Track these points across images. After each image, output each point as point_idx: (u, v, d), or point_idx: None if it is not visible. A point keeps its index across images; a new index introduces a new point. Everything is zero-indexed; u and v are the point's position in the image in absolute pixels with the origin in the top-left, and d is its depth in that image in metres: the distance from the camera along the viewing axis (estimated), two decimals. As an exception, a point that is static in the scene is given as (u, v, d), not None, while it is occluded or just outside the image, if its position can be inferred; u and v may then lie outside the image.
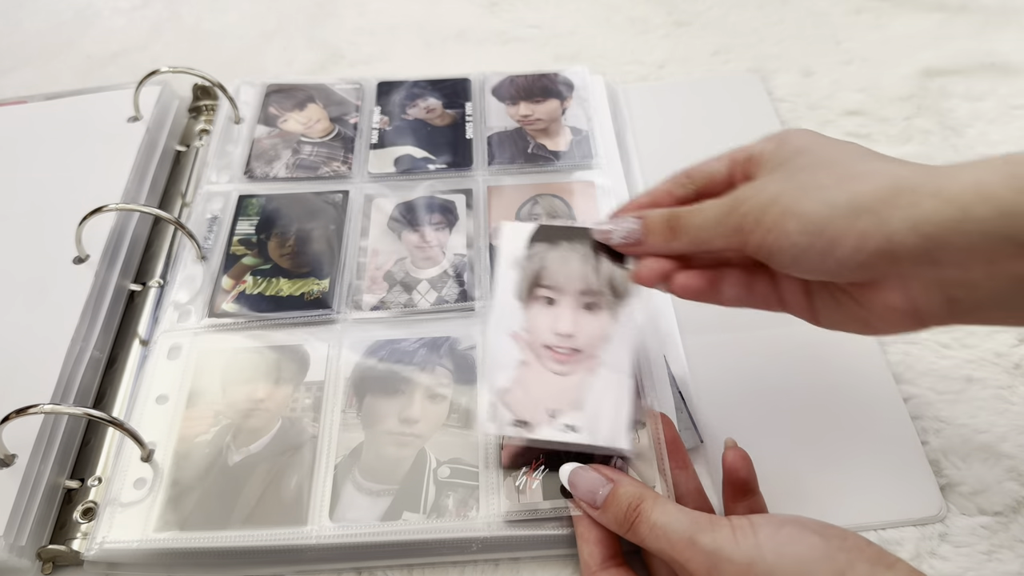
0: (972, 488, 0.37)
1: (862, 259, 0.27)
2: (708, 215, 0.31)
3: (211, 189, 0.49)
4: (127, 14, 0.67)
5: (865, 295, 0.29)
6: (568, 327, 0.35)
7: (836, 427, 0.40)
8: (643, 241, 0.34)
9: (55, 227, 0.45)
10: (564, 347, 0.35)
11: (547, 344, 0.35)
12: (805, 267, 0.29)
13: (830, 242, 0.27)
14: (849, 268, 0.28)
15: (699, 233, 0.32)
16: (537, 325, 0.36)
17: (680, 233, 0.32)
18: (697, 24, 0.63)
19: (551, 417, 0.34)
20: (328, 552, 0.35)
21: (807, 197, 0.28)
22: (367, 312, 0.43)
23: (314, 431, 0.38)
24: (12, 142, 0.52)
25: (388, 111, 0.54)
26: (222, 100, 0.53)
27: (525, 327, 0.36)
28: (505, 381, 0.35)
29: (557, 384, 0.35)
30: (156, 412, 0.39)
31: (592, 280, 0.36)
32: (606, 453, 0.34)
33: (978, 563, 0.35)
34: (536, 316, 0.36)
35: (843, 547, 0.28)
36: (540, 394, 0.35)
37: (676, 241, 0.33)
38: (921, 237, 0.26)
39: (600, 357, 0.35)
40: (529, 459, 0.36)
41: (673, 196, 0.34)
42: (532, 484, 0.35)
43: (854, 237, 0.27)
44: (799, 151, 0.30)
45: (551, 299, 0.36)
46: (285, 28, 0.65)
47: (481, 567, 0.36)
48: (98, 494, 0.37)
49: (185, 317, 0.43)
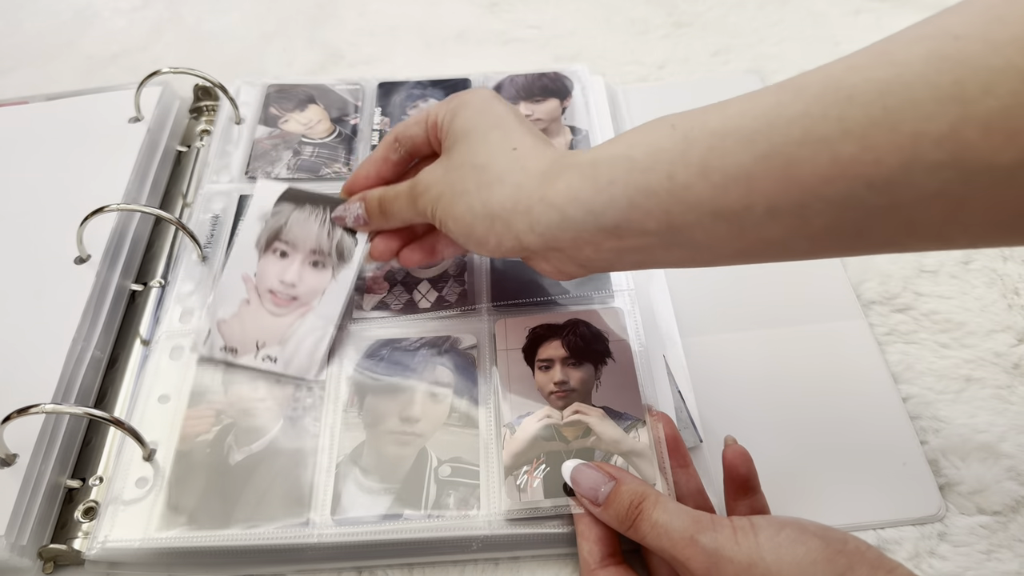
0: (971, 488, 0.37)
1: (504, 252, 0.34)
2: (402, 203, 0.38)
3: (212, 189, 0.49)
4: (128, 15, 0.67)
5: (530, 263, 0.36)
6: (293, 278, 0.41)
7: (835, 427, 0.40)
8: (369, 221, 0.40)
9: (56, 227, 0.45)
10: (285, 294, 0.41)
11: (271, 289, 0.41)
12: (473, 249, 0.36)
13: (478, 240, 0.34)
14: (501, 253, 0.35)
15: (401, 215, 0.39)
16: (267, 272, 0.42)
17: (389, 216, 0.39)
18: (697, 25, 0.64)
19: (257, 349, 0.40)
20: (329, 551, 0.35)
21: (458, 203, 0.35)
22: (368, 312, 0.43)
23: (315, 430, 0.38)
24: (13, 143, 0.52)
25: (389, 112, 0.54)
26: (223, 101, 0.53)
27: (256, 272, 0.42)
28: (226, 314, 0.41)
29: (270, 323, 0.41)
30: (157, 411, 0.39)
31: (324, 243, 0.42)
32: (296, 381, 0.40)
33: (977, 562, 0.35)
34: (268, 265, 0.42)
35: (843, 550, 0.28)
36: (253, 330, 0.41)
37: (389, 221, 0.40)
38: (538, 236, 0.33)
39: (312, 306, 0.41)
40: (530, 457, 0.36)
41: (389, 161, 0.40)
42: (533, 482, 0.35)
43: (494, 237, 0.34)
44: (463, 135, 0.36)
45: (284, 252, 0.42)
46: (285, 29, 0.65)
47: (481, 566, 0.36)
48: (99, 494, 0.38)
49: (187, 317, 0.43)
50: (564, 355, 0.40)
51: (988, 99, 0.22)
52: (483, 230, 0.34)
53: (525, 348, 0.40)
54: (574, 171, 0.32)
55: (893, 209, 0.25)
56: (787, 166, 0.26)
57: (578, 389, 0.38)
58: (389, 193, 0.39)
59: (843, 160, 0.25)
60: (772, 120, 0.27)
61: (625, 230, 0.31)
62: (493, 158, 0.34)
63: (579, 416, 0.37)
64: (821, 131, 0.25)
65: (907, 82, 0.24)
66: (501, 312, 0.42)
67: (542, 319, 0.41)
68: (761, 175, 0.27)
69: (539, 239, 0.33)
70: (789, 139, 0.26)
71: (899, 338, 0.43)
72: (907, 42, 0.25)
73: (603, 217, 0.31)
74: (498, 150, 0.35)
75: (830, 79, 0.26)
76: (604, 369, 0.39)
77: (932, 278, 0.46)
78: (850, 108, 0.25)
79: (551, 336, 0.40)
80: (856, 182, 0.25)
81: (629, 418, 0.37)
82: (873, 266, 0.46)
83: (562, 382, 0.39)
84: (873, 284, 0.46)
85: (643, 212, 0.30)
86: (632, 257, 0.32)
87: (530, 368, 0.39)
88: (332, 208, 0.42)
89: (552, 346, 0.40)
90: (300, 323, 0.40)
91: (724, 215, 0.28)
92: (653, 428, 0.37)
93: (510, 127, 0.35)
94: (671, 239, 0.30)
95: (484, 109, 0.36)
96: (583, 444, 0.36)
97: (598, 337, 0.40)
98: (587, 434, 0.37)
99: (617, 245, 0.31)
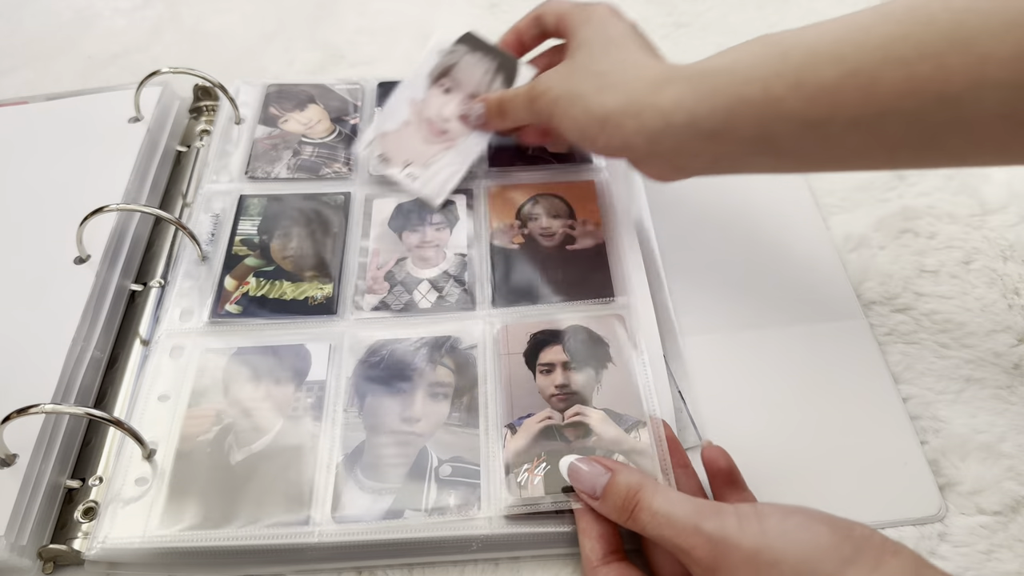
0: (971, 488, 0.37)
1: (610, 152, 0.39)
2: (519, 103, 0.43)
3: (212, 189, 0.49)
4: (128, 15, 0.67)
5: (631, 164, 0.40)
6: (450, 114, 0.47)
7: (835, 427, 0.40)
8: (488, 122, 0.46)
9: (56, 227, 0.45)
10: (439, 127, 0.47)
11: (429, 118, 0.47)
12: (583, 147, 0.44)
13: (590, 139, 0.39)
14: (607, 153, 0.40)
15: (517, 115, 0.44)
16: (431, 102, 0.47)
17: (506, 116, 0.45)
18: (697, 25, 0.63)
19: (404, 165, 0.47)
20: (329, 551, 0.35)
21: (575, 104, 0.39)
22: (368, 312, 0.43)
23: (315, 430, 0.38)
24: (13, 143, 0.52)
25: (388, 111, 0.54)
26: (223, 101, 0.53)
27: (422, 99, 0.47)
28: (390, 127, 0.47)
29: (420, 148, 0.47)
30: (157, 411, 0.39)
31: (483, 91, 0.47)
32: (423, 200, 0.47)
33: (977, 563, 0.35)
34: (433, 96, 0.48)
35: (850, 536, 0.28)
36: (406, 147, 0.47)
37: (505, 121, 0.46)
38: (644, 139, 0.37)
39: (457, 144, 0.47)
40: (531, 456, 0.36)
41: (526, 35, 0.47)
42: (534, 480, 0.35)
43: (603, 138, 0.38)
44: (586, 44, 0.40)
45: (449, 89, 0.47)
46: (286, 29, 0.65)
47: (481, 567, 0.36)
48: (99, 494, 0.38)
49: (187, 317, 0.43)
50: (565, 359, 0.40)
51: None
52: (595, 130, 0.38)
53: (527, 353, 0.40)
54: (682, 82, 0.36)
55: (960, 124, 0.29)
56: (870, 83, 0.30)
57: (579, 392, 0.38)
58: (507, 95, 0.45)
59: (919, 78, 0.29)
60: (860, 42, 0.30)
61: (722, 136, 0.35)
62: (612, 67, 0.39)
63: (580, 418, 0.37)
64: (901, 52, 0.29)
65: (980, 8, 0.27)
66: (501, 312, 0.42)
67: (543, 324, 0.41)
68: (846, 90, 0.31)
69: (645, 142, 0.37)
70: (874, 59, 0.30)
71: (899, 338, 0.43)
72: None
73: (704, 123, 0.35)
74: (617, 61, 0.39)
75: (913, 5, 0.29)
76: (604, 373, 0.39)
77: (932, 278, 0.46)
78: (928, 32, 0.28)
79: (552, 341, 0.41)
80: (928, 98, 0.29)
81: (630, 420, 0.37)
82: (873, 266, 0.46)
83: (563, 385, 0.39)
84: (873, 284, 0.46)
85: (740, 120, 0.34)
86: (725, 163, 0.36)
87: (531, 372, 0.39)
88: (502, 62, 0.47)
89: (553, 351, 0.40)
90: (444, 155, 0.46)
91: (811, 125, 0.32)
92: (654, 428, 0.37)
93: (629, 41, 0.40)
94: (762, 146, 0.34)
95: (608, 23, 0.41)
96: (584, 444, 0.36)
97: (599, 342, 0.40)
98: (588, 434, 0.37)
99: (713, 151, 0.35)
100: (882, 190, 0.51)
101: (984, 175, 0.51)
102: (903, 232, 0.48)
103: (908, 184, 0.51)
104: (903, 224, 0.48)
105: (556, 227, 0.46)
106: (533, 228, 0.47)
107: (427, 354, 0.41)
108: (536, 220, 0.47)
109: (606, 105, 0.38)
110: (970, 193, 0.50)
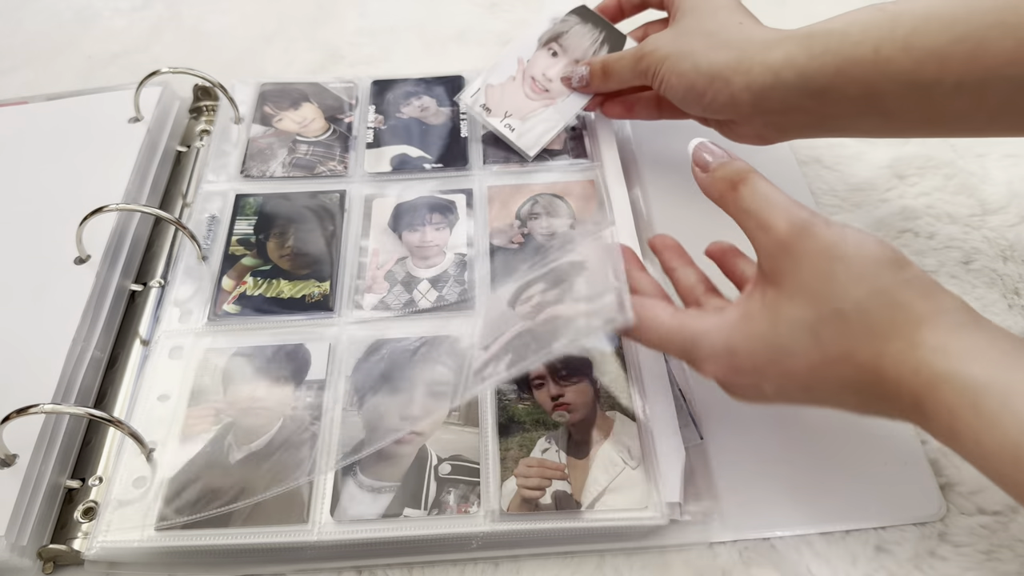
0: (971, 487, 0.37)
1: (717, 107, 0.41)
2: (625, 63, 0.45)
3: (209, 188, 0.49)
4: (128, 15, 0.67)
5: (730, 127, 0.43)
6: (554, 75, 0.50)
7: (836, 426, 0.40)
8: (590, 83, 0.48)
9: (56, 227, 0.45)
10: (541, 85, 0.50)
11: (534, 76, 0.50)
12: (686, 106, 0.43)
13: (698, 94, 0.41)
14: (711, 111, 0.42)
15: (621, 76, 0.46)
16: (537, 62, 0.50)
17: (610, 76, 0.47)
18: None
19: (504, 116, 0.49)
20: (329, 550, 0.35)
21: (684, 60, 0.41)
22: (368, 312, 0.43)
23: (315, 429, 0.38)
24: (13, 142, 0.52)
25: (383, 110, 0.54)
26: (223, 101, 0.53)
27: (530, 59, 0.50)
28: (495, 81, 0.50)
29: (522, 102, 0.50)
30: (157, 411, 0.39)
31: (590, 54, 0.50)
32: (517, 150, 0.49)
33: (977, 563, 0.35)
34: (540, 57, 0.50)
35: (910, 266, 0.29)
36: (508, 100, 0.50)
37: (608, 83, 0.47)
38: (752, 95, 0.39)
39: (556, 102, 0.50)
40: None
41: (627, 3, 0.50)
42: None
43: (711, 93, 0.40)
44: (693, 8, 0.43)
45: (556, 52, 0.50)
46: (285, 29, 0.65)
47: (481, 566, 0.36)
48: (99, 494, 0.38)
49: (186, 317, 0.43)
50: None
51: None
52: (703, 85, 0.40)
53: None
54: (792, 41, 0.38)
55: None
56: (977, 47, 0.32)
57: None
58: (612, 56, 0.47)
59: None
60: (971, 8, 0.32)
61: (829, 94, 0.36)
62: (722, 27, 0.41)
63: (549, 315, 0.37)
64: (1011, 19, 0.31)
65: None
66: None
67: None
68: (954, 54, 0.32)
69: (752, 98, 0.38)
70: (983, 24, 0.32)
71: (899, 338, 0.43)
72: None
73: (812, 82, 0.36)
74: (727, 22, 0.41)
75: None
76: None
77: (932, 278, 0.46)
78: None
79: None
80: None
81: None
82: (873, 266, 0.46)
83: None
84: (873, 284, 0.45)
85: (848, 79, 0.35)
86: (829, 123, 0.38)
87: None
88: (609, 34, 0.50)
89: None
90: (542, 111, 0.49)
91: (918, 86, 0.34)
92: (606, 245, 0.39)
93: (737, 7, 0.42)
94: (868, 106, 0.36)
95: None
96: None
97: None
98: None
99: (819, 109, 0.37)
100: (882, 190, 0.51)
101: (984, 175, 0.51)
102: (903, 232, 0.48)
103: (908, 184, 0.51)
104: (903, 224, 0.48)
105: (556, 227, 0.47)
106: (533, 228, 0.47)
107: (427, 353, 0.41)
108: (536, 220, 0.47)
109: (716, 62, 0.39)
110: (970, 193, 0.50)
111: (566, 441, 0.37)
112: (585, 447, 0.37)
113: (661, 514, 0.35)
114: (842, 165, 0.52)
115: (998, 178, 0.51)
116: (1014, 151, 0.53)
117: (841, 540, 0.36)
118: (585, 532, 0.35)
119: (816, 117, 0.38)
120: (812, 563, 0.35)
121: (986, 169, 0.52)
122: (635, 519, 0.35)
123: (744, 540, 0.36)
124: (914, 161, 0.52)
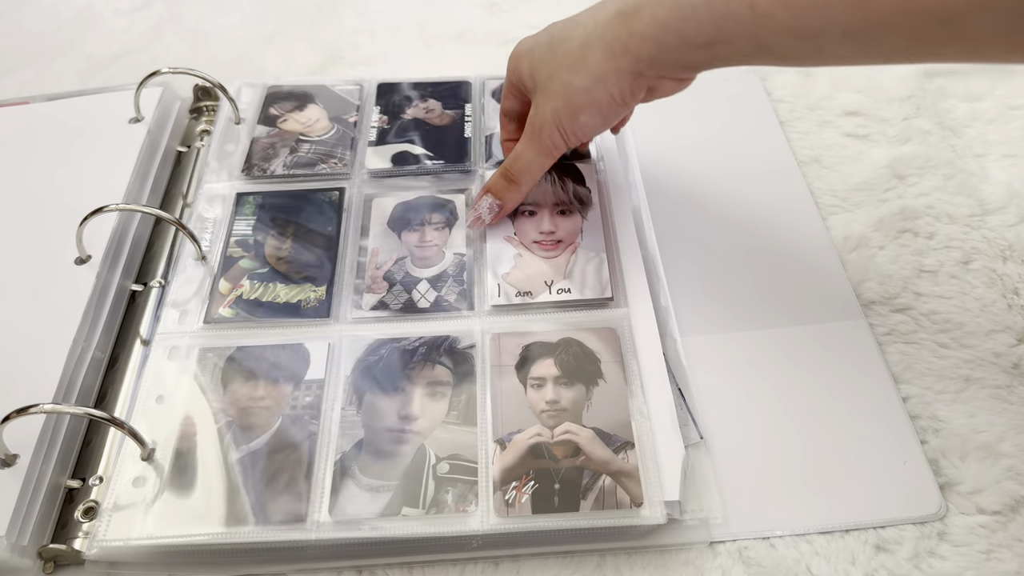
0: (971, 487, 0.37)
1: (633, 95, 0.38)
2: (526, 154, 0.42)
3: (210, 188, 0.49)
4: (128, 15, 0.67)
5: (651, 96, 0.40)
6: (549, 227, 0.46)
7: (835, 426, 0.40)
8: (504, 204, 0.45)
9: (57, 228, 0.45)
10: (549, 240, 0.45)
11: (535, 240, 0.46)
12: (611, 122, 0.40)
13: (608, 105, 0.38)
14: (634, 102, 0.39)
15: (529, 169, 0.43)
16: (524, 230, 0.46)
17: (521, 176, 0.43)
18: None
19: (548, 286, 0.43)
20: (328, 549, 0.35)
21: (572, 97, 0.39)
22: (367, 311, 0.43)
23: (314, 428, 0.38)
24: (13, 143, 0.52)
25: (388, 111, 0.54)
26: (223, 101, 0.53)
27: (514, 232, 0.46)
28: (506, 267, 0.44)
29: (549, 265, 0.45)
30: (157, 411, 0.39)
31: (561, 195, 0.47)
32: (595, 302, 0.43)
33: (977, 562, 0.35)
34: (522, 224, 0.46)
35: None
36: (537, 274, 0.44)
37: (522, 184, 0.44)
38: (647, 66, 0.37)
39: (577, 243, 0.45)
40: (519, 473, 0.36)
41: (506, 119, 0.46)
42: (521, 498, 0.35)
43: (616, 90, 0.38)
44: (535, 71, 0.40)
45: (532, 211, 0.47)
46: (285, 29, 0.65)
47: (481, 566, 0.36)
48: (99, 493, 0.38)
49: (184, 318, 0.43)
50: (556, 374, 0.40)
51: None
52: (603, 93, 0.38)
53: (518, 365, 0.40)
54: (652, 4, 0.35)
55: (958, 40, 0.28)
56: None
57: (569, 409, 0.38)
58: (507, 160, 0.43)
59: None
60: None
61: (718, 45, 0.34)
62: (569, 47, 0.38)
63: (569, 436, 0.37)
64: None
65: None
66: (500, 312, 0.42)
67: (536, 336, 0.41)
68: (836, 5, 0.30)
69: (649, 68, 0.37)
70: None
71: (899, 338, 0.43)
72: None
73: (696, 39, 0.35)
74: (568, 42, 0.39)
75: None
76: (595, 390, 0.39)
77: (932, 278, 0.46)
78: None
79: (544, 354, 0.40)
80: (926, 17, 0.28)
81: (619, 440, 0.37)
82: (873, 266, 0.46)
83: (553, 401, 0.39)
84: (873, 284, 0.46)
85: (731, 34, 0.34)
86: (733, 60, 0.36)
87: (522, 385, 0.39)
88: (562, 173, 0.48)
89: (545, 364, 0.40)
90: (575, 258, 0.45)
91: (804, 37, 0.32)
92: None
93: (557, 33, 0.40)
94: (759, 53, 0.34)
95: (532, 48, 0.41)
96: (572, 463, 0.36)
97: (591, 357, 0.40)
98: (576, 454, 0.37)
99: (713, 54, 0.35)
100: (881, 190, 0.51)
101: (983, 175, 0.51)
102: (902, 232, 0.48)
103: (907, 184, 0.51)
104: (902, 224, 0.48)
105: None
106: (533, 228, 0.47)
107: (426, 352, 0.41)
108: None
109: (592, 68, 0.37)
110: (969, 193, 0.50)
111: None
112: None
113: (661, 513, 0.35)
114: (842, 165, 0.52)
115: (998, 178, 0.51)
116: (1014, 151, 0.53)
117: (841, 539, 0.36)
118: (585, 532, 0.35)
119: (718, 57, 0.36)
120: (812, 562, 0.35)
121: (985, 169, 0.52)
122: (635, 518, 0.35)
123: (744, 539, 0.36)
124: (914, 161, 0.52)
